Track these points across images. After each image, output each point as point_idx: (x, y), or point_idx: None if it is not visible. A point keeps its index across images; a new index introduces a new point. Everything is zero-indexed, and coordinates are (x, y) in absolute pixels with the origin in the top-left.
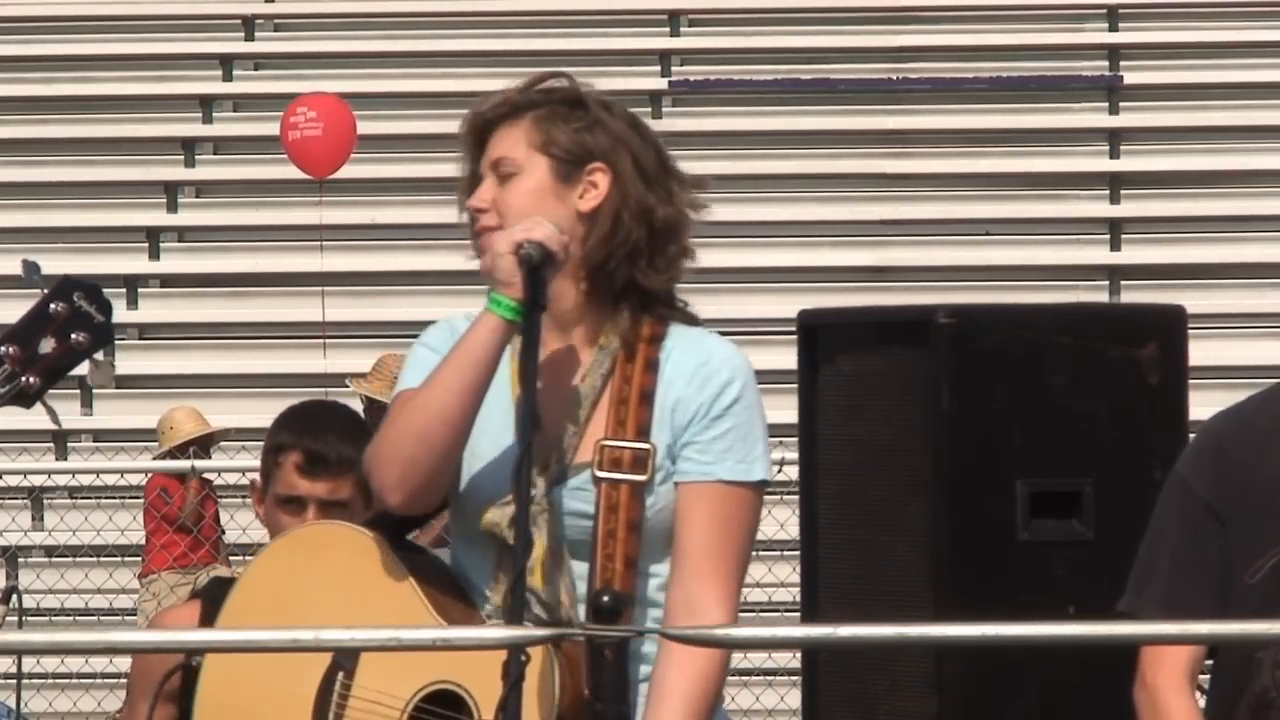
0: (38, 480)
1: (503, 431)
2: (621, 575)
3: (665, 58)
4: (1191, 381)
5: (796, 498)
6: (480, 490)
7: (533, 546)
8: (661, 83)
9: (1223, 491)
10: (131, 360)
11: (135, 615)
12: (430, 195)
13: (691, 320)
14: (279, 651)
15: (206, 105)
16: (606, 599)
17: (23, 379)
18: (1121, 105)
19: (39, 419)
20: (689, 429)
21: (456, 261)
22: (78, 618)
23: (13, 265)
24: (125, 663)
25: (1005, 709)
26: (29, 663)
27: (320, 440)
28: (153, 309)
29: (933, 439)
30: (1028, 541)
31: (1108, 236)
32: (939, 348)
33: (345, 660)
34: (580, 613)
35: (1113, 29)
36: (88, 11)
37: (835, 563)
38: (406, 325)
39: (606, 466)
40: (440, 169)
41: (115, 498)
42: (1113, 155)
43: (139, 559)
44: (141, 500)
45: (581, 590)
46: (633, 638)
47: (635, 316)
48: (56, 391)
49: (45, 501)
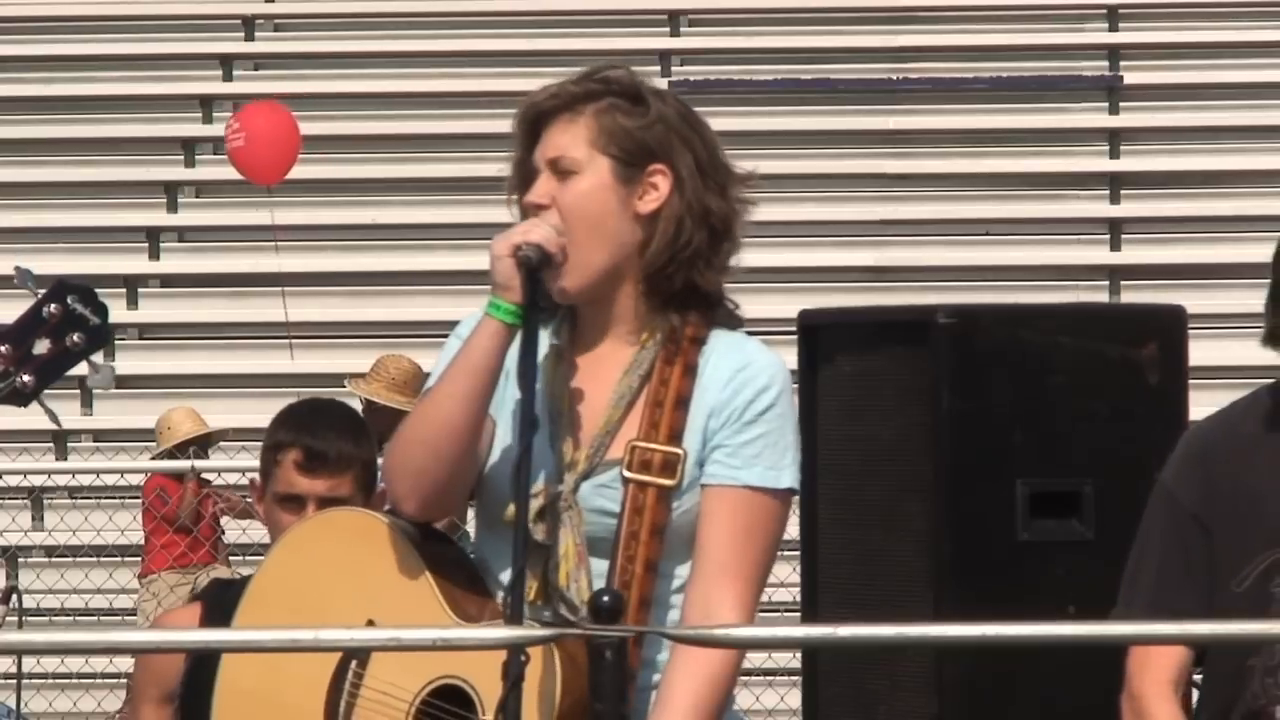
0: (38, 480)
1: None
2: (640, 578)
3: (665, 58)
4: (1191, 381)
5: (796, 498)
6: (504, 484)
7: (530, 545)
8: (661, 83)
9: (1208, 500)
10: (131, 360)
11: (135, 615)
12: (431, 195)
13: (736, 322)
14: (278, 651)
15: (206, 105)
16: (606, 599)
17: (16, 378)
18: (1121, 105)
19: (39, 419)
20: (720, 433)
21: (456, 261)
22: (78, 618)
23: (12, 266)
24: (125, 663)
25: (1005, 709)
26: (29, 663)
27: (319, 438)
28: (153, 309)
29: (933, 439)
30: (1028, 541)
31: (1108, 236)
32: (939, 348)
33: (358, 650)
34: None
35: (1113, 29)
36: (88, 11)
37: (835, 563)
38: (407, 325)
39: (636, 468)
40: (441, 169)
41: (115, 498)
42: (1113, 155)
43: (139, 559)
44: (141, 500)
45: (600, 588)
46: (639, 643)
47: (682, 318)
48: (56, 392)
49: (45, 501)
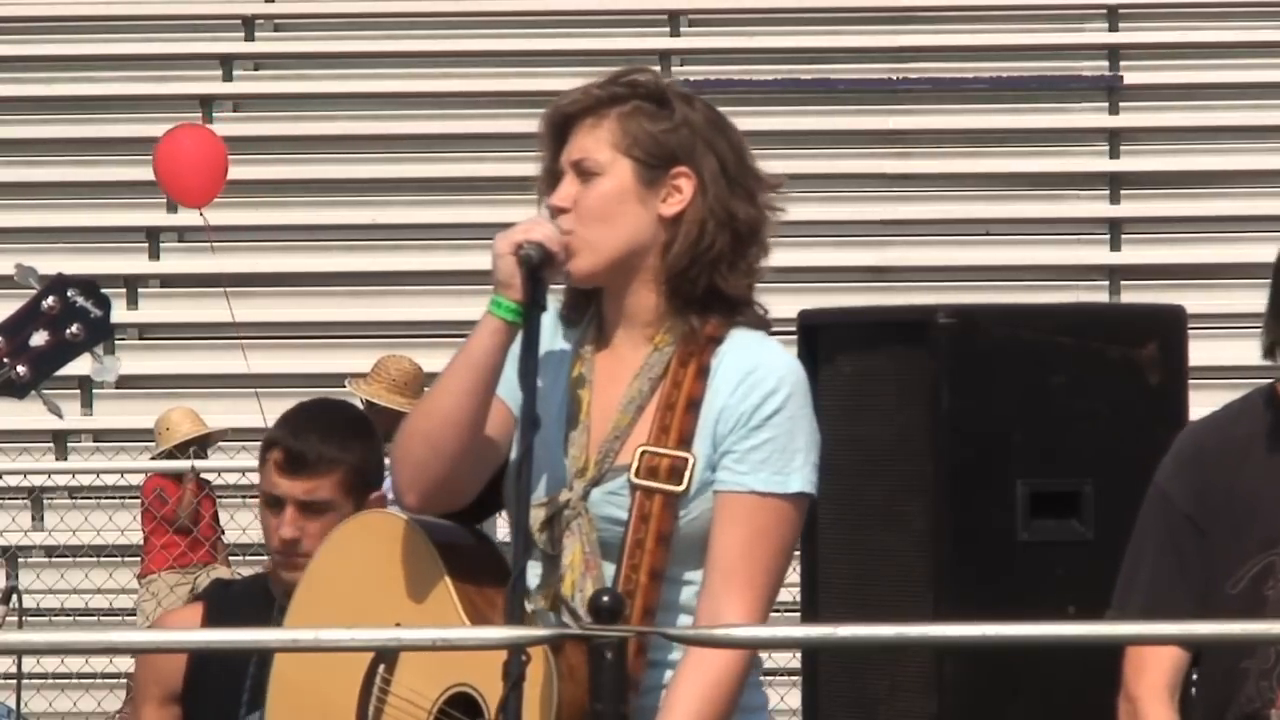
0: (38, 480)
1: (553, 429)
2: (645, 587)
3: (665, 58)
4: (1191, 381)
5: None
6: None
7: (536, 545)
8: None
9: (1202, 502)
10: (131, 360)
11: (135, 615)
12: (431, 195)
13: (759, 323)
14: (278, 651)
15: (207, 105)
16: (606, 599)
17: (11, 370)
18: (1121, 105)
19: (39, 419)
20: (729, 438)
21: (456, 261)
22: (78, 618)
23: (12, 266)
24: (125, 663)
25: (1005, 709)
26: (29, 663)
27: (299, 439)
28: (153, 309)
29: (933, 439)
30: (1028, 541)
31: (1108, 236)
32: (939, 348)
33: (387, 653)
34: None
35: (1113, 29)
36: (88, 11)
37: (835, 563)
38: (406, 325)
39: (644, 473)
40: (441, 169)
41: (115, 498)
42: (1113, 155)
43: (139, 559)
44: (141, 500)
45: (599, 588)
46: (644, 649)
47: (701, 319)
48: (56, 392)
49: (45, 501)
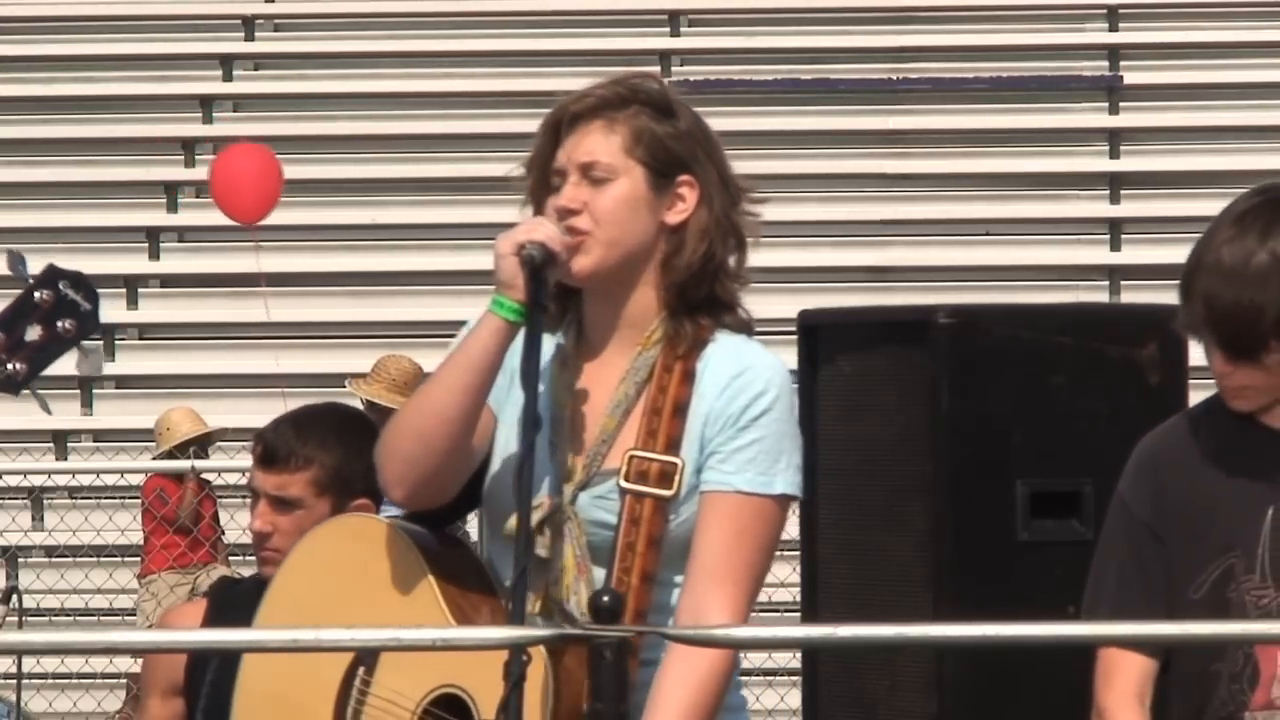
0: (38, 480)
1: (540, 435)
2: (637, 590)
3: (665, 58)
4: (1191, 381)
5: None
6: (505, 495)
7: (534, 546)
8: None
9: (1160, 511)
10: (131, 360)
11: (135, 615)
12: (431, 195)
13: (743, 326)
14: (279, 651)
15: (206, 105)
16: (606, 599)
17: (8, 366)
18: (1121, 105)
19: (40, 419)
20: (716, 439)
21: (456, 261)
22: (78, 618)
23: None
24: (125, 663)
25: (1005, 709)
26: (29, 663)
27: (277, 434)
28: (153, 309)
29: (933, 439)
30: (1028, 541)
31: (1108, 236)
32: (939, 348)
33: (367, 656)
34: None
35: (1113, 29)
36: (88, 11)
37: (835, 563)
38: (407, 325)
39: (633, 478)
40: (441, 169)
41: (115, 498)
42: (1113, 155)
43: (139, 559)
44: (141, 500)
45: (599, 589)
46: (638, 650)
47: (695, 325)
48: (57, 392)
49: (45, 501)
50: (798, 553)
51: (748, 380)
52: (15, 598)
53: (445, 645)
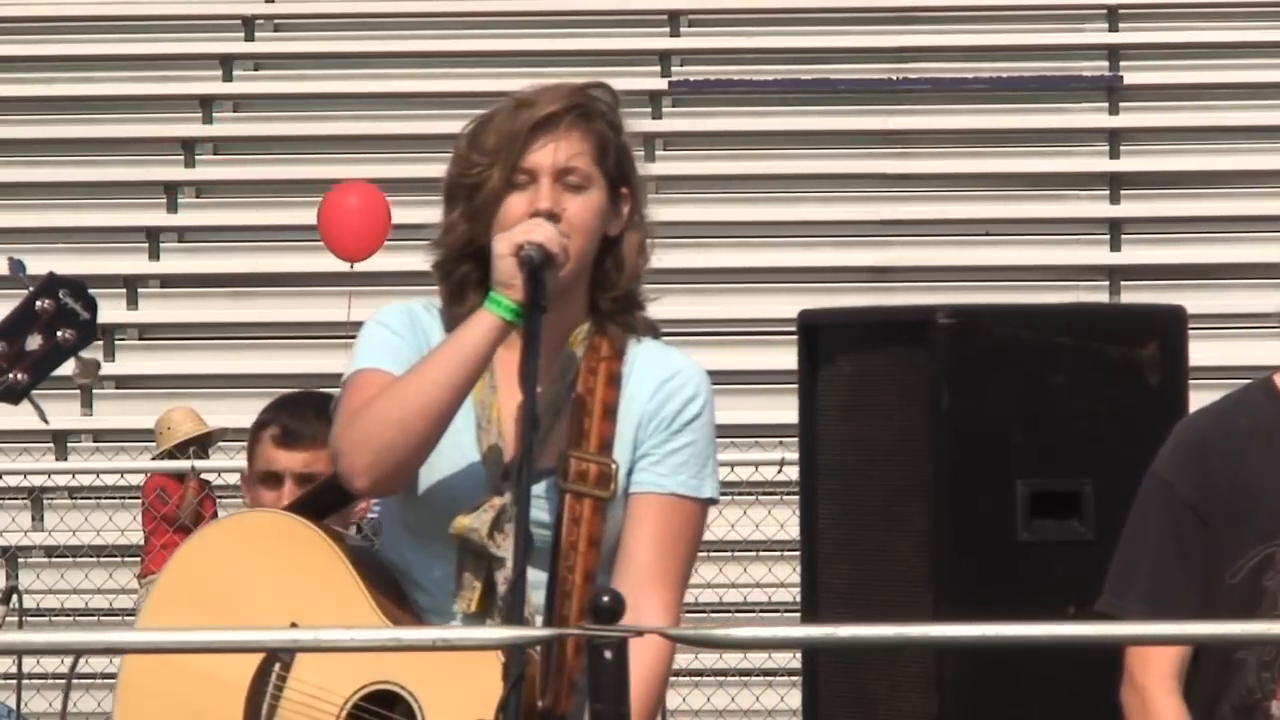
0: (38, 480)
1: (464, 432)
2: (580, 589)
3: (665, 58)
4: (1191, 381)
5: (796, 498)
6: (446, 493)
7: (532, 547)
8: (661, 83)
9: (1205, 492)
10: (131, 360)
11: (135, 615)
12: (431, 195)
13: (653, 329)
14: (279, 651)
15: (206, 105)
16: (606, 599)
17: (10, 375)
18: (1121, 105)
19: (39, 419)
20: (648, 441)
21: None
22: (78, 618)
23: (6, 259)
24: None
25: (1005, 709)
26: (29, 663)
27: (296, 416)
28: (153, 309)
29: (933, 439)
30: (1028, 541)
31: (1108, 236)
32: (939, 348)
33: (283, 652)
34: (539, 622)
35: (1113, 29)
36: (88, 11)
37: (835, 563)
38: None
39: (573, 478)
40: (441, 169)
41: (115, 498)
42: (1113, 155)
43: (139, 559)
44: (141, 500)
45: (538, 600)
46: (581, 649)
47: (618, 329)
48: (57, 392)
49: (45, 501)
50: (798, 553)
51: (678, 385)
52: (15, 598)
53: (445, 645)
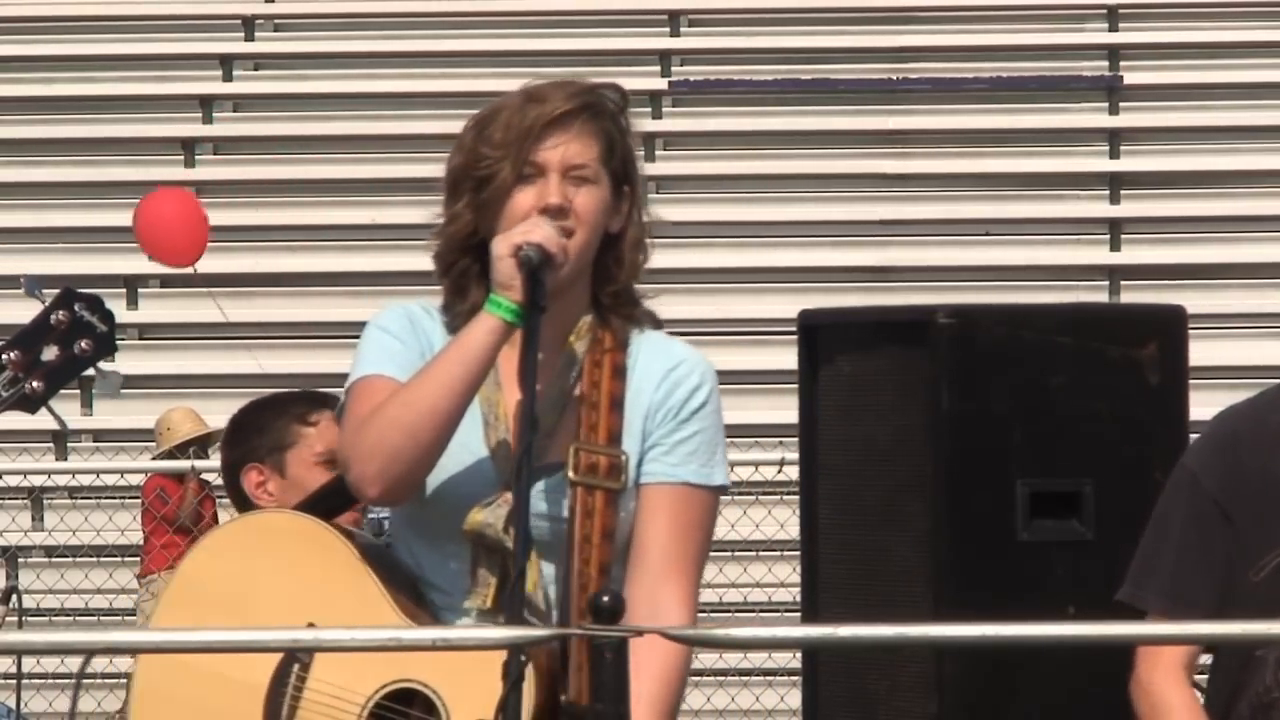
0: (38, 480)
1: (470, 431)
2: (596, 581)
3: (665, 58)
4: (1191, 381)
5: (796, 498)
6: (457, 491)
7: (532, 547)
8: (661, 83)
9: (1233, 488)
10: (131, 360)
11: (135, 615)
12: (430, 195)
13: (654, 321)
14: (281, 651)
15: (206, 105)
16: (606, 599)
17: (26, 384)
18: (1121, 105)
19: (40, 419)
20: (656, 431)
21: None
22: (78, 618)
23: (12, 266)
24: (125, 663)
25: (1005, 709)
26: (29, 663)
27: (313, 399)
28: (153, 309)
29: (932, 439)
30: (1028, 541)
31: (1108, 236)
32: (939, 348)
33: (301, 653)
34: (554, 617)
35: (1113, 29)
36: (88, 11)
37: (835, 563)
38: None
39: (583, 471)
40: (440, 169)
41: (115, 498)
42: (1113, 155)
43: (139, 559)
44: (141, 500)
45: (554, 594)
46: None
47: (621, 324)
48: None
49: (45, 501)
50: (798, 553)
51: (683, 374)
52: (15, 598)
53: (446, 645)
